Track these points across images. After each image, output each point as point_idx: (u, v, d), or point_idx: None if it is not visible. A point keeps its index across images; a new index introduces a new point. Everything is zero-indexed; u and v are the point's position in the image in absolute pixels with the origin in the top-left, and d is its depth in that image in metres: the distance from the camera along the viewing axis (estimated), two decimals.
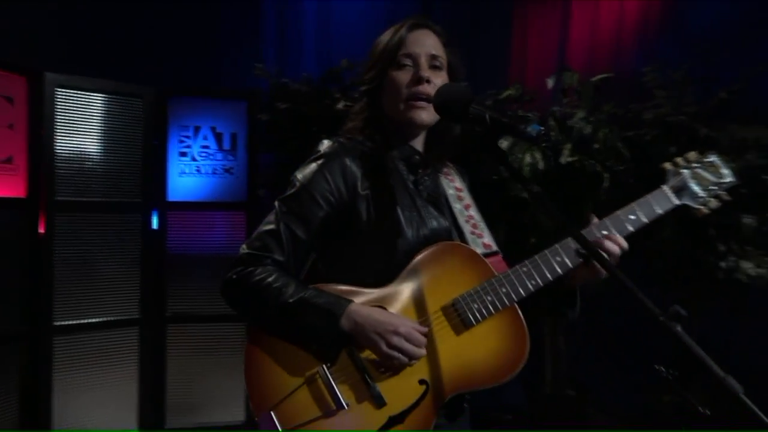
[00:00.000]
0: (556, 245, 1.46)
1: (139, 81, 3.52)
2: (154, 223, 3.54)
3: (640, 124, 3.52)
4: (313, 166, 1.46)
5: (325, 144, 1.50)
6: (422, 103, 1.46)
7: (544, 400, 3.72)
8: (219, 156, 3.63)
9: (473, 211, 1.62)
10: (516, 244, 3.33)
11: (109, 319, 3.36)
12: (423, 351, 1.35)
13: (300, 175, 1.46)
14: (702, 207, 1.53)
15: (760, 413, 0.86)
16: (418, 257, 1.43)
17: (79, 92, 3.29)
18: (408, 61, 1.49)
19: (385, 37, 1.54)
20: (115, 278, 3.39)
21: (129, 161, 3.44)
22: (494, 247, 1.58)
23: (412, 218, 1.46)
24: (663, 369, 0.90)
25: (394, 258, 1.43)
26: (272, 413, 1.33)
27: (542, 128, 1.10)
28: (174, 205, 3.58)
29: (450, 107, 1.30)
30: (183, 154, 3.60)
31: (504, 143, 3.44)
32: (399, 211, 1.45)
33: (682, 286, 3.49)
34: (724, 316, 3.45)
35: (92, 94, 3.33)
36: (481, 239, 1.57)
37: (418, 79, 1.46)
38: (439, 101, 1.34)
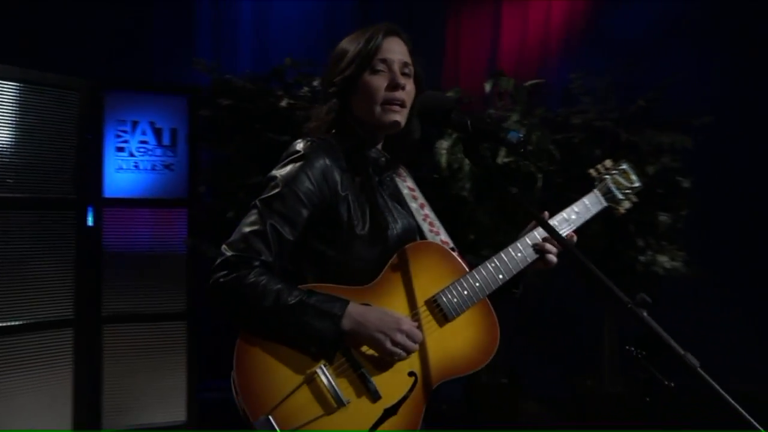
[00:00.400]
0: (516, 242, 1.59)
1: (71, 73, 3.38)
2: (90, 220, 3.43)
3: (569, 127, 3.76)
4: (295, 165, 1.46)
5: (301, 144, 1.50)
6: (397, 107, 1.53)
7: (479, 388, 3.90)
8: (158, 152, 3.55)
9: (428, 210, 1.69)
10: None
11: (41, 320, 3.22)
12: (417, 346, 1.43)
13: (280, 174, 1.46)
14: (620, 208, 1.77)
15: (715, 384, 1.00)
16: (397, 255, 1.49)
17: (8, 83, 3.12)
18: (383, 67, 1.53)
19: (356, 42, 1.57)
20: (47, 277, 3.25)
21: (62, 156, 3.30)
22: (451, 244, 1.66)
23: (388, 218, 1.53)
24: (632, 349, 1.03)
25: (375, 257, 1.48)
26: (270, 417, 1.33)
27: (521, 135, 1.21)
28: (111, 202, 3.48)
29: (433, 113, 1.39)
30: (120, 149, 3.50)
31: (444, 143, 3.58)
32: (378, 211, 1.51)
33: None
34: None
35: (23, 85, 3.17)
36: (439, 236, 1.65)
37: (395, 85, 1.52)
38: (423, 107, 1.41)
